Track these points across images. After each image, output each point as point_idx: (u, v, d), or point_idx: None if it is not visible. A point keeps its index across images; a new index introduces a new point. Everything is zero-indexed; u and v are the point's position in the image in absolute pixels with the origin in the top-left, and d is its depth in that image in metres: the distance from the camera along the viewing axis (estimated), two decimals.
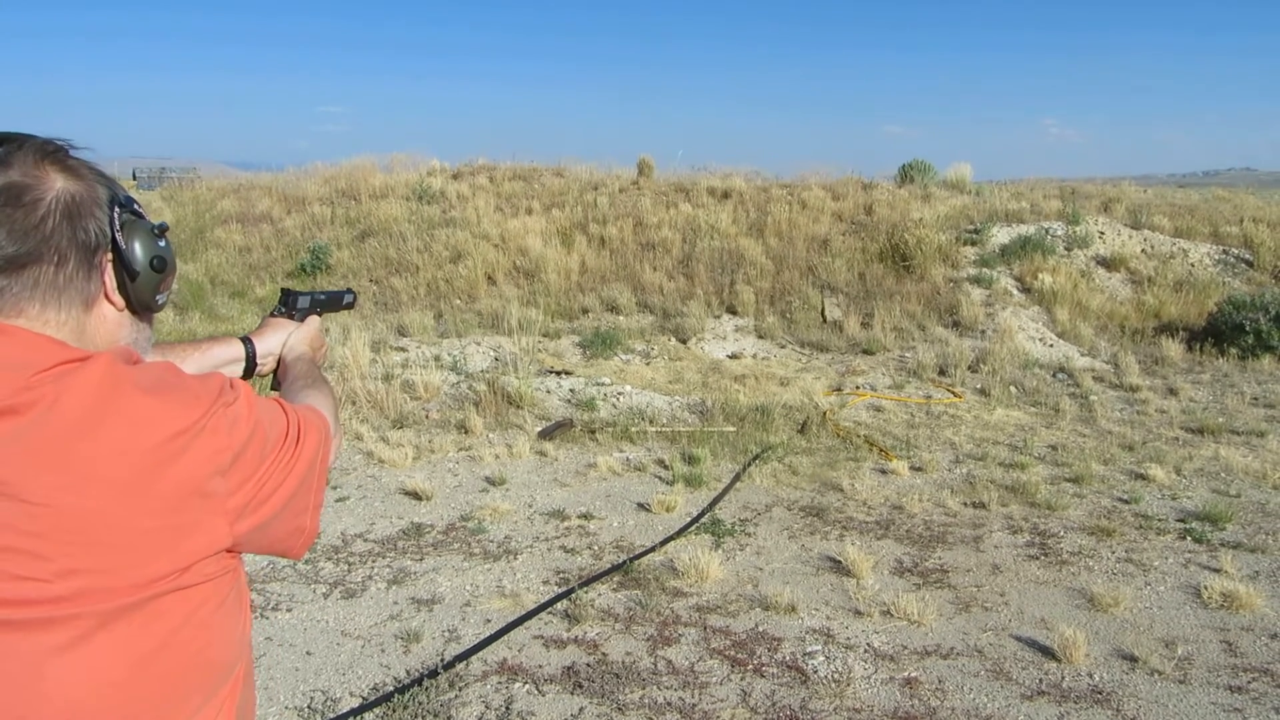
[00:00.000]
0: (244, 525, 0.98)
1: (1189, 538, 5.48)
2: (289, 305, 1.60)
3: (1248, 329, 10.41)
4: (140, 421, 0.91)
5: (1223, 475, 6.74)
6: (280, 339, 1.57)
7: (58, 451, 0.87)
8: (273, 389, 1.51)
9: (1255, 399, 9.05)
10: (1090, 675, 3.85)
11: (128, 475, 0.89)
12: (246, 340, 1.54)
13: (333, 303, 1.71)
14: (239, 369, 1.52)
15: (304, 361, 1.53)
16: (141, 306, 1.05)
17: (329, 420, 1.19)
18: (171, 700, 0.94)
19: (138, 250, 1.02)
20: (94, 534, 0.87)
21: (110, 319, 1.02)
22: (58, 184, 0.96)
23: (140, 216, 1.04)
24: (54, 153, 0.98)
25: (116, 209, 1.01)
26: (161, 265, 1.05)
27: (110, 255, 1.01)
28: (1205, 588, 4.66)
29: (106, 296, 1.02)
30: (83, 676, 0.87)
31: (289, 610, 4.45)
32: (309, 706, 3.57)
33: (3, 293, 0.93)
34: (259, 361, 1.54)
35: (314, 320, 1.62)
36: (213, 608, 0.97)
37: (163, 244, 1.06)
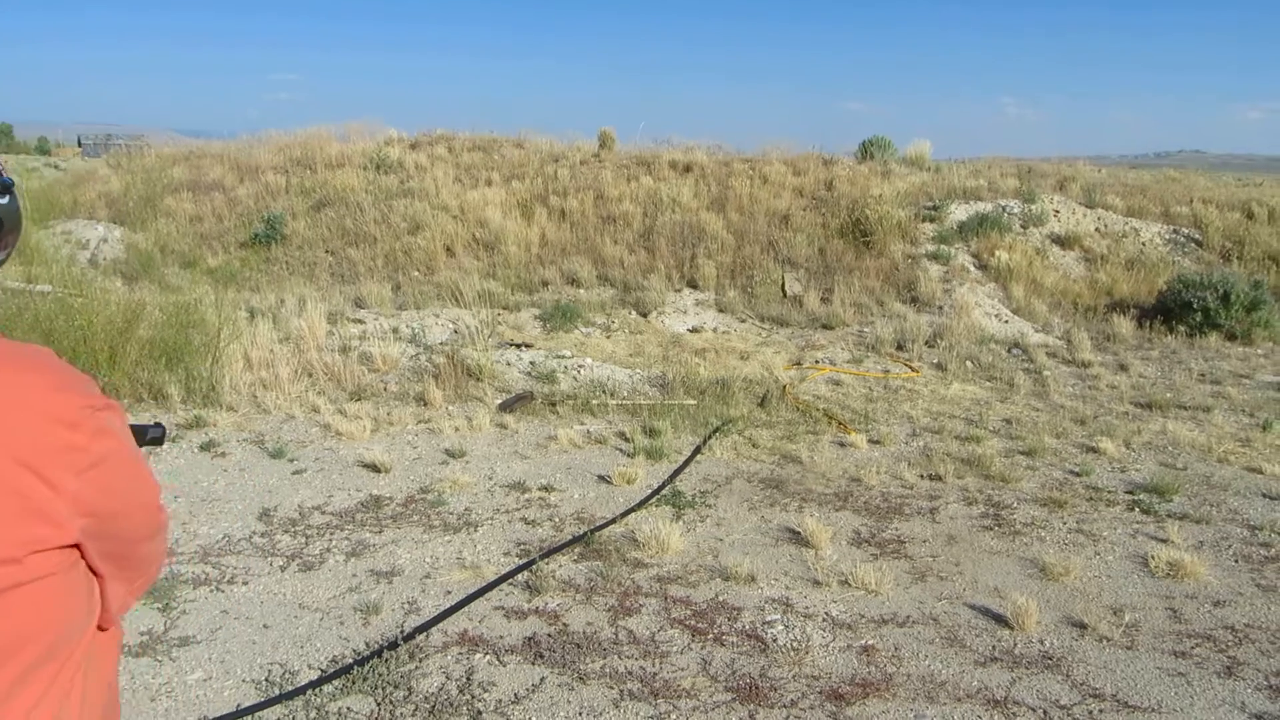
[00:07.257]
0: (88, 530, 0.91)
1: (1137, 509, 5.62)
2: None
3: (1196, 307, 10.65)
4: None
5: (1170, 449, 6.91)
6: None
7: None
8: None
9: (1202, 375, 9.28)
10: (1041, 642, 3.94)
11: None
12: None
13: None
14: None
15: None
16: None
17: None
18: None
19: None
20: None
21: None
22: None
23: None
24: None
25: None
26: None
27: None
28: (1152, 557, 4.79)
29: None
30: None
31: (245, 584, 4.38)
32: (266, 679, 3.53)
33: None
34: None
35: None
36: (50, 592, 0.89)
37: (2, 200, 1.01)
